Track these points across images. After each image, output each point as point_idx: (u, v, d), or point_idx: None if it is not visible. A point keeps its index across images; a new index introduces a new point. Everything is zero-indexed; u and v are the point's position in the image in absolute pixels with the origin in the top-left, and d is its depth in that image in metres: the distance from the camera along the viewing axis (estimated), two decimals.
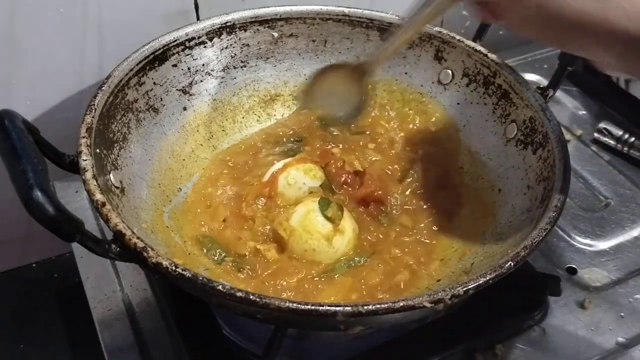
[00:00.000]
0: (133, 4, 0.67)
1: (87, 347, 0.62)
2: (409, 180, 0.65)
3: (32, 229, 0.39)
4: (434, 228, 0.61)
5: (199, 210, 0.60)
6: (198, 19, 0.72)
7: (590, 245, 0.68)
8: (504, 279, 0.45)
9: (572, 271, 0.66)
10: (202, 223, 0.59)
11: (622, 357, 0.58)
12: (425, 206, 0.63)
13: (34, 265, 0.78)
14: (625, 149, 0.78)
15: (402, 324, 0.55)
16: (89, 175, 0.47)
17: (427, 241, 0.60)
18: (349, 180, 0.64)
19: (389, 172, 0.66)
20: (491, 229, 0.58)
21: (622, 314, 0.61)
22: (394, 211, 0.62)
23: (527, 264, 0.60)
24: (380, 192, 0.62)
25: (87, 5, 0.64)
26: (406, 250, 0.59)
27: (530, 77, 0.89)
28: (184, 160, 0.64)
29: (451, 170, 0.66)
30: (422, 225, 0.61)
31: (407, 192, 0.64)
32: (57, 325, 0.71)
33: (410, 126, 0.71)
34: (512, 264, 0.45)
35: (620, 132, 0.79)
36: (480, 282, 0.44)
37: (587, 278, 0.65)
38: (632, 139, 0.78)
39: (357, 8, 0.70)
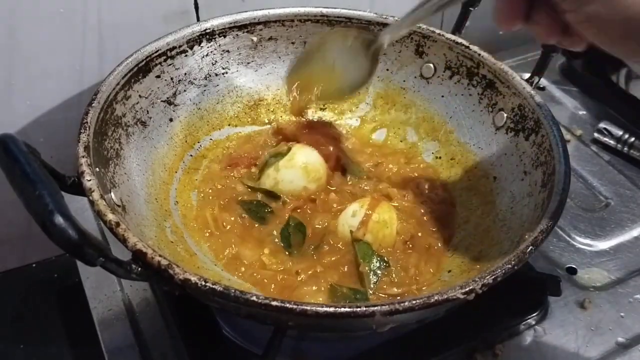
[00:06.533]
0: (133, 4, 0.67)
1: (87, 347, 0.62)
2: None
3: (32, 229, 0.38)
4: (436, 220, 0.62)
5: (196, 224, 0.60)
6: (198, 19, 0.72)
7: (590, 245, 0.68)
8: (504, 279, 0.45)
9: (572, 271, 0.66)
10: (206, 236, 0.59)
11: (622, 357, 0.58)
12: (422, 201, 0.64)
13: (34, 265, 0.78)
14: (625, 149, 0.78)
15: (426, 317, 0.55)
16: (96, 195, 0.46)
17: (429, 236, 0.60)
18: None
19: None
20: (492, 217, 0.59)
21: (622, 314, 0.61)
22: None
23: (527, 264, 0.60)
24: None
25: (87, 5, 0.64)
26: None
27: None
28: (176, 172, 0.63)
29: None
30: (425, 219, 0.62)
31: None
32: (57, 325, 0.71)
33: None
34: (533, 249, 0.46)
35: (620, 132, 0.79)
36: (507, 268, 0.45)
37: (587, 278, 0.65)
38: (632, 139, 0.78)
39: (336, 7, 0.70)
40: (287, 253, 0.58)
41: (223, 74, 0.70)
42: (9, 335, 0.70)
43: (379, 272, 0.56)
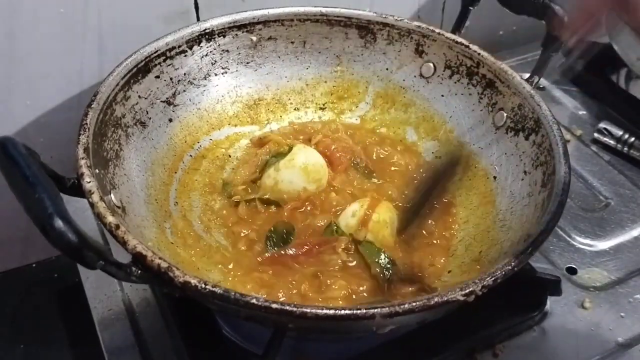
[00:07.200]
0: (133, 4, 0.67)
1: (87, 347, 0.62)
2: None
3: (32, 230, 0.38)
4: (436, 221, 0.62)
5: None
6: (198, 19, 0.72)
7: (590, 245, 0.68)
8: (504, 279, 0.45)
9: (572, 271, 0.66)
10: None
11: (622, 357, 0.58)
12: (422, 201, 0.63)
13: (34, 265, 0.78)
14: (625, 149, 0.78)
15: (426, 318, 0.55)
16: (96, 197, 0.46)
17: (429, 236, 0.60)
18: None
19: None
20: (492, 217, 0.59)
21: (622, 314, 0.61)
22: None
23: (527, 264, 0.60)
24: None
25: (87, 5, 0.64)
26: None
27: None
28: (175, 173, 0.63)
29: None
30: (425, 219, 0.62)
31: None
32: (57, 325, 0.71)
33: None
34: (532, 249, 0.46)
35: (620, 132, 0.79)
36: (507, 269, 0.45)
37: (587, 278, 0.65)
38: (632, 139, 0.78)
39: (335, 7, 0.70)
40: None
41: (222, 73, 0.70)
42: (9, 335, 0.70)
43: (389, 267, 0.56)
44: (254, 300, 0.41)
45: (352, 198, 0.62)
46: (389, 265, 0.56)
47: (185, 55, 0.66)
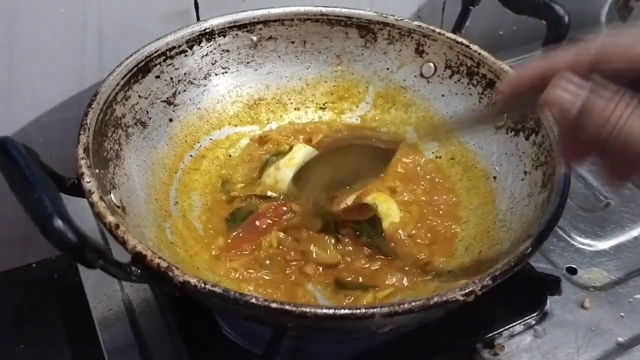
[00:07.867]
0: (133, 4, 0.67)
1: (87, 347, 0.62)
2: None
3: (32, 229, 0.38)
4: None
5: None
6: (198, 19, 0.72)
7: (590, 245, 0.68)
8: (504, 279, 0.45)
9: (572, 271, 0.66)
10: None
11: (622, 357, 0.58)
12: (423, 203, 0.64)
13: (34, 265, 0.78)
14: None
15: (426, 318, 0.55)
16: (95, 197, 0.46)
17: (430, 235, 0.61)
18: None
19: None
20: (492, 217, 0.59)
21: (622, 314, 0.61)
22: None
23: (527, 264, 0.60)
24: None
25: (87, 5, 0.64)
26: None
27: None
28: (175, 173, 0.63)
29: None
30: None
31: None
32: (57, 325, 0.71)
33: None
34: (532, 249, 0.46)
35: None
36: (507, 269, 0.45)
37: (587, 278, 0.65)
38: None
39: (336, 7, 0.70)
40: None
41: (223, 73, 0.70)
42: (9, 335, 0.70)
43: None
44: (253, 300, 0.41)
45: (350, 192, 0.62)
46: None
47: (186, 55, 0.66)
